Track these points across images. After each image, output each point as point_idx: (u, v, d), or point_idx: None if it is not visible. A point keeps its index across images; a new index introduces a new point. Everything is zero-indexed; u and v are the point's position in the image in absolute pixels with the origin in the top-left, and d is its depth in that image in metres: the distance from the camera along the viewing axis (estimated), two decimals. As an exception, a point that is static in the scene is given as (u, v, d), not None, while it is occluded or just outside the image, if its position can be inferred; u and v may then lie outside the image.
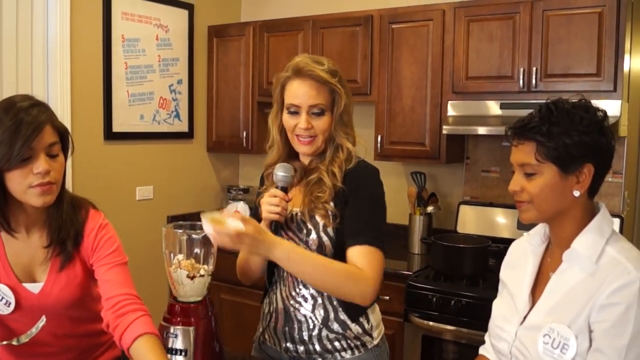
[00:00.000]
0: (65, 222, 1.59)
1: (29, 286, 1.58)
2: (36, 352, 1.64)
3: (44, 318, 1.56)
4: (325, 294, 1.69)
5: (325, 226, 1.67)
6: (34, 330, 1.56)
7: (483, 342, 1.67)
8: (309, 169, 1.76)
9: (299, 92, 1.69)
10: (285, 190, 1.68)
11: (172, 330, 1.56)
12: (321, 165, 1.72)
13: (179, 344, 1.55)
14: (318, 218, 1.68)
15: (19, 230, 1.58)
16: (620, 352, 1.28)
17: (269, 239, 1.52)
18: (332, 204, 1.67)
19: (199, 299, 1.61)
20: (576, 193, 1.39)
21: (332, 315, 1.70)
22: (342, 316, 1.70)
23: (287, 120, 1.72)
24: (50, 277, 1.59)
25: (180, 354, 1.54)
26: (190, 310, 1.58)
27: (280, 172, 1.68)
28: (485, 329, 1.62)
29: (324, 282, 1.60)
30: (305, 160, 1.78)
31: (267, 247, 1.51)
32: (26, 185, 1.47)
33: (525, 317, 1.46)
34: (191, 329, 1.55)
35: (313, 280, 1.61)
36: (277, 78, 1.76)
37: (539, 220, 1.46)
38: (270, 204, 1.65)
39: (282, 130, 1.76)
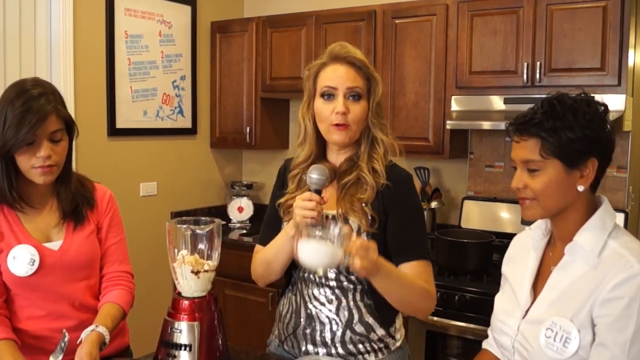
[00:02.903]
0: (75, 195, 1.77)
1: (49, 245, 1.73)
2: (57, 327, 1.70)
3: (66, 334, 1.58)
4: (350, 295, 1.64)
5: (360, 229, 1.58)
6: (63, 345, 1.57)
7: (487, 337, 1.67)
8: (340, 171, 1.66)
9: (334, 75, 1.60)
10: (319, 192, 1.57)
11: (176, 325, 1.57)
12: (361, 162, 1.62)
13: (183, 339, 1.56)
14: (354, 221, 1.59)
15: (35, 205, 1.73)
16: (624, 346, 1.28)
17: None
18: (370, 206, 1.59)
19: (203, 294, 1.61)
20: (580, 188, 1.38)
21: (356, 317, 1.64)
22: (368, 319, 1.64)
23: (321, 107, 1.61)
24: (67, 235, 1.76)
25: (185, 349, 1.55)
26: (195, 306, 1.59)
27: (315, 175, 1.55)
28: (489, 324, 1.62)
29: (403, 299, 1.59)
30: (336, 159, 1.69)
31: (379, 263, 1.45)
32: (30, 165, 1.64)
33: (527, 311, 1.46)
34: (195, 324, 1.56)
35: (394, 296, 1.57)
36: (309, 67, 1.67)
37: (543, 216, 1.45)
38: (305, 208, 1.53)
39: (315, 122, 1.66)
